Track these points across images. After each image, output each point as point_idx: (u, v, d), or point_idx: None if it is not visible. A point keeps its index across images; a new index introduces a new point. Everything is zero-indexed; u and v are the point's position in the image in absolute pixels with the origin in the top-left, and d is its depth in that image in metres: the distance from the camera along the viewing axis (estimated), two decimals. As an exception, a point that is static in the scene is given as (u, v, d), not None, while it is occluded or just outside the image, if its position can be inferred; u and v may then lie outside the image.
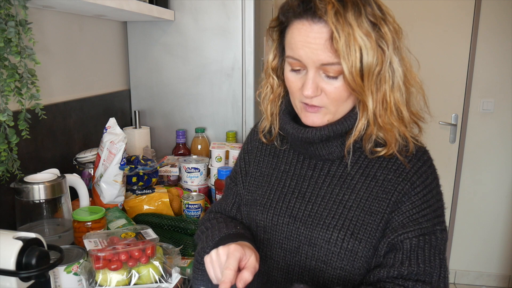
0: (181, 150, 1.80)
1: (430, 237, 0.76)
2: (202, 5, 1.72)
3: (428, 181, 0.79)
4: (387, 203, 0.78)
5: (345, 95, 0.77)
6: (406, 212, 0.77)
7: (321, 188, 0.84)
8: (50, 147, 1.36)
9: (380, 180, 0.80)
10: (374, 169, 0.81)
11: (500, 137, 2.71)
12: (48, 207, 1.10)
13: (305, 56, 0.75)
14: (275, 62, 0.87)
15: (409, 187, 0.78)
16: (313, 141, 0.82)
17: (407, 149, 0.81)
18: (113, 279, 0.93)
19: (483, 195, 2.80)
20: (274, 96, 0.90)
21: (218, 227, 0.89)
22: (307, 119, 0.81)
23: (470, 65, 2.65)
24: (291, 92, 0.83)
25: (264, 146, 0.96)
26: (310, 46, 0.74)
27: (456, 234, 2.87)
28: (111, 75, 1.79)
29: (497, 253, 2.86)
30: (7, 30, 0.97)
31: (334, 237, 0.78)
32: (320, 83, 0.76)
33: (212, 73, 1.78)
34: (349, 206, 0.80)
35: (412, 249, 0.75)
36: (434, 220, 0.78)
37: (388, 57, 0.74)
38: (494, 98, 2.68)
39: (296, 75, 0.79)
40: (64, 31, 1.45)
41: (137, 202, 1.37)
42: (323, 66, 0.74)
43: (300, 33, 0.75)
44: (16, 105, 1.05)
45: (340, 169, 0.84)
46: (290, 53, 0.78)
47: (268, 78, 0.90)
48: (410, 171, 0.79)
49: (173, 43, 1.79)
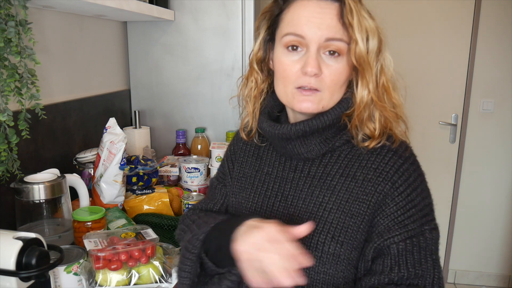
0: (181, 150, 1.80)
1: (418, 239, 0.74)
2: (202, 5, 1.73)
3: (411, 179, 0.76)
4: (367, 205, 0.76)
5: (342, 79, 0.76)
6: (390, 215, 0.75)
7: (302, 190, 0.82)
8: (50, 147, 1.36)
9: (359, 180, 0.78)
10: (354, 168, 0.79)
11: (500, 137, 2.71)
12: (48, 207, 1.10)
13: (310, 32, 0.74)
14: (260, 54, 0.85)
15: (390, 187, 0.75)
16: (290, 137, 0.80)
17: (390, 143, 0.79)
18: (113, 279, 0.93)
19: (483, 195, 2.79)
20: (258, 92, 0.88)
21: (211, 216, 0.84)
22: (300, 104, 0.78)
23: (470, 65, 2.65)
24: (283, 76, 0.79)
25: (248, 147, 0.94)
26: (315, 21, 0.73)
27: (456, 234, 2.87)
28: (111, 75, 1.79)
29: (497, 253, 2.85)
30: (7, 30, 0.97)
31: (315, 241, 0.76)
32: (321, 64, 0.75)
33: (212, 73, 1.78)
34: (329, 208, 0.78)
35: (399, 253, 0.73)
36: (422, 220, 0.75)
37: (384, 47, 0.76)
38: (494, 98, 2.68)
39: (292, 56, 0.77)
40: (64, 31, 1.45)
41: (137, 202, 1.38)
42: (327, 42, 0.73)
43: (306, 8, 0.74)
44: (16, 105, 1.05)
45: (320, 169, 0.82)
46: (291, 29, 0.76)
47: (252, 72, 0.87)
48: (391, 170, 0.76)
49: (173, 43, 1.79)
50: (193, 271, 0.79)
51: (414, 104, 2.66)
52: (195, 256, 0.78)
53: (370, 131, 0.79)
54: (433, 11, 2.63)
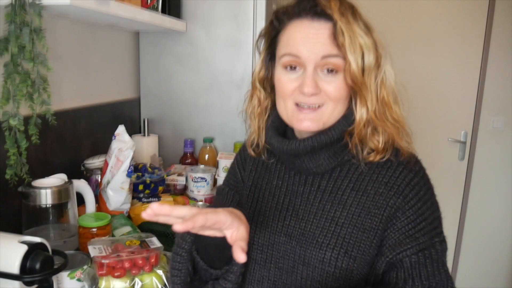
0: (189, 159, 1.80)
1: (430, 251, 0.74)
2: (214, 17, 1.74)
3: (422, 193, 0.77)
4: (380, 219, 0.76)
5: (342, 94, 0.76)
6: (402, 228, 0.75)
7: (312, 204, 0.81)
8: (59, 153, 1.37)
9: (371, 194, 0.78)
10: (365, 182, 0.79)
11: (510, 156, 2.68)
12: (54, 212, 1.11)
13: (306, 51, 0.74)
14: (262, 73, 0.86)
15: (402, 201, 0.76)
16: (298, 153, 0.80)
17: (398, 156, 0.79)
18: (116, 286, 0.93)
19: (491, 213, 2.75)
20: (261, 109, 0.88)
21: None
22: (300, 123, 0.79)
23: (481, 81, 2.64)
24: (283, 94, 0.80)
25: (256, 159, 0.94)
26: (311, 41, 0.74)
27: (463, 252, 2.83)
28: (122, 83, 1.81)
29: (505, 272, 2.80)
30: (21, 37, 0.99)
31: (328, 257, 0.76)
32: (319, 82, 0.75)
33: (222, 84, 1.80)
34: (341, 223, 0.77)
35: (413, 266, 0.73)
36: (432, 232, 0.75)
37: (383, 60, 0.76)
38: (505, 116, 2.65)
39: (291, 75, 0.78)
40: (77, 39, 1.47)
41: (142, 210, 1.37)
42: (324, 60, 0.74)
43: (300, 30, 0.75)
44: (27, 110, 1.06)
45: (331, 183, 0.81)
46: (287, 50, 0.77)
47: (255, 91, 0.88)
48: (402, 184, 0.76)
49: (184, 53, 1.81)
50: (184, 269, 0.75)
51: (423, 120, 2.64)
52: (185, 252, 0.74)
53: (374, 145, 0.79)
54: (444, 26, 2.63)
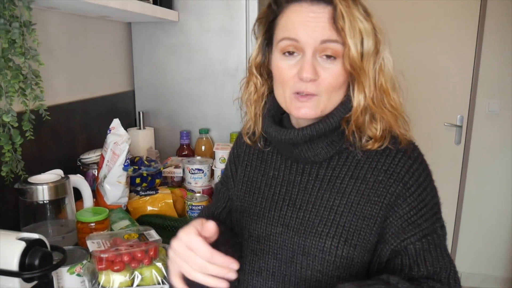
0: (185, 151, 1.80)
1: (432, 237, 0.75)
2: (206, 6, 1.72)
3: (421, 179, 0.77)
4: (380, 207, 0.76)
5: (340, 81, 0.75)
6: (404, 216, 0.75)
7: (311, 193, 0.81)
8: (54, 148, 1.36)
9: (370, 182, 0.77)
10: (364, 170, 0.79)
11: (506, 138, 2.69)
12: (52, 208, 1.11)
13: (305, 35, 0.73)
14: (258, 59, 0.85)
15: (402, 188, 0.76)
16: (297, 142, 0.79)
17: (396, 144, 0.78)
18: (116, 280, 0.92)
19: (489, 196, 2.77)
20: (258, 96, 0.87)
21: None
22: (298, 110, 0.77)
23: (476, 66, 2.64)
24: (281, 81, 0.78)
25: (252, 150, 0.93)
26: (310, 24, 0.73)
27: (461, 236, 2.85)
28: (115, 76, 1.79)
29: (503, 256, 2.83)
30: (11, 31, 0.97)
31: (328, 245, 0.76)
32: (317, 68, 0.74)
33: (216, 74, 1.78)
34: (340, 211, 0.77)
35: (417, 253, 0.73)
36: (433, 218, 0.76)
37: (382, 46, 0.75)
38: (500, 99, 2.66)
39: (289, 61, 0.76)
40: (68, 32, 1.45)
41: (140, 203, 1.37)
42: (323, 45, 0.73)
43: (299, 13, 0.74)
44: (20, 106, 1.05)
45: (329, 172, 0.81)
46: (285, 34, 0.75)
47: (251, 77, 0.87)
48: (402, 171, 0.76)
49: (177, 44, 1.79)
50: None
51: (419, 105, 2.65)
52: None
53: (372, 132, 0.78)
54: (439, 11, 2.62)
